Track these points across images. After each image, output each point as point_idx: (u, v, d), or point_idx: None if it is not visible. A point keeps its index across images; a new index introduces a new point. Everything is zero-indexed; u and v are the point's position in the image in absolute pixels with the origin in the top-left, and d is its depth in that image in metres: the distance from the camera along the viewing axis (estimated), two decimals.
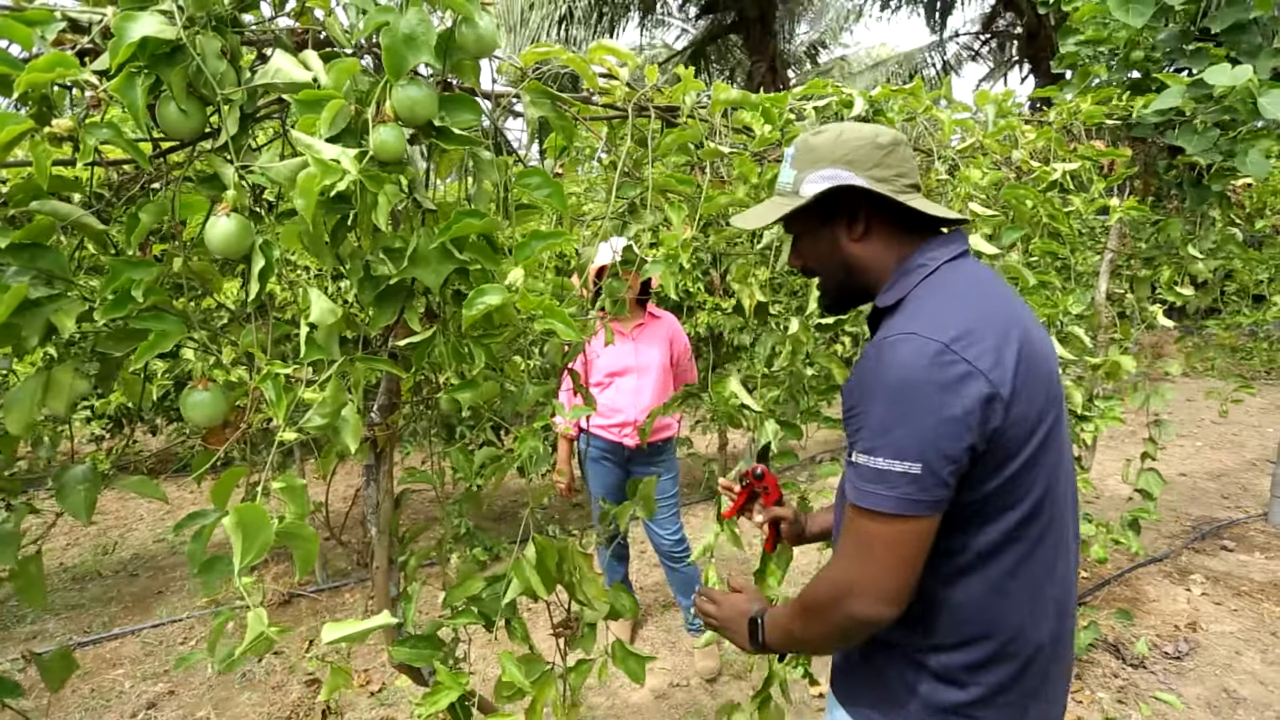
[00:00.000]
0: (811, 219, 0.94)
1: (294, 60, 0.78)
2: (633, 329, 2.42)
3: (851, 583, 0.79)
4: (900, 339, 0.79)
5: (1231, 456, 4.99)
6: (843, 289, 0.97)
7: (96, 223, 0.79)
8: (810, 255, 0.97)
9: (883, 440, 0.76)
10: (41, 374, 0.76)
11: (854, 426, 0.81)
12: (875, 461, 0.77)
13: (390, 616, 0.77)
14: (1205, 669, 2.46)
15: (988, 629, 0.84)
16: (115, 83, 0.72)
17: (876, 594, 0.78)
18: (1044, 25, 9.72)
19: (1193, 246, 2.38)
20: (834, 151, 0.90)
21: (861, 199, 0.91)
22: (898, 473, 0.75)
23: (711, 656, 2.52)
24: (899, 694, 0.88)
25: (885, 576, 0.78)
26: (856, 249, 0.93)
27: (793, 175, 0.93)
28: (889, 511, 0.76)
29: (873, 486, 0.77)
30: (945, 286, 0.86)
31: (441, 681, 0.96)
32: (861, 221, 0.92)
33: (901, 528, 0.77)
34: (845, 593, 0.80)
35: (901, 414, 0.76)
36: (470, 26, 0.80)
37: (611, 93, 1.19)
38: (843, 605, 0.80)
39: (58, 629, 2.93)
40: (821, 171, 0.89)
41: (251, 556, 0.68)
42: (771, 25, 9.69)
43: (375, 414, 1.13)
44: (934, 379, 0.75)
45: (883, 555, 0.78)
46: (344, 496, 4.23)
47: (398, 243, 0.85)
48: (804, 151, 0.92)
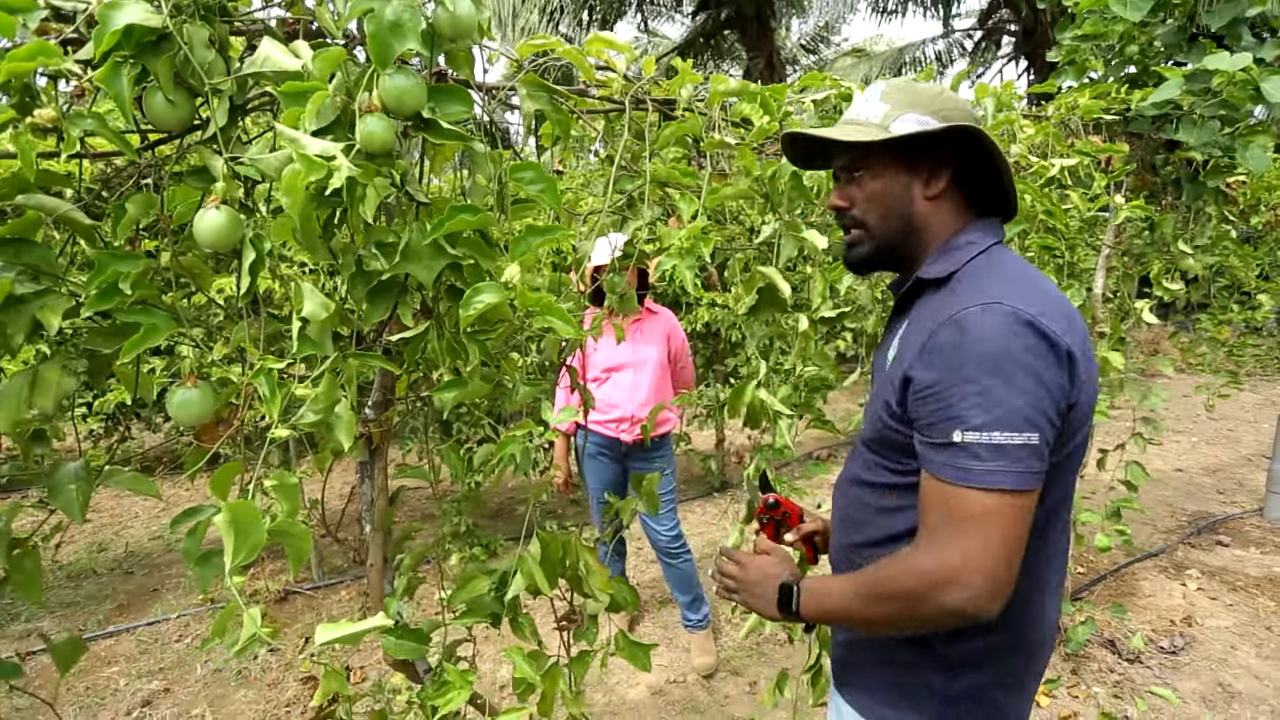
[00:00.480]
0: (891, 160, 0.87)
1: (283, 49, 0.76)
2: (630, 324, 2.41)
3: (954, 572, 0.72)
4: (987, 308, 0.74)
5: (1227, 452, 5.01)
6: (889, 247, 0.90)
7: (84, 217, 0.77)
8: (870, 200, 0.89)
9: (995, 414, 0.71)
10: (29, 371, 0.75)
11: (939, 405, 0.75)
12: (991, 437, 0.71)
13: (385, 618, 0.76)
14: (1201, 664, 2.47)
15: (1014, 615, 0.82)
16: (100, 72, 0.71)
17: (985, 585, 0.71)
18: (1040, 21, 9.70)
19: (1183, 243, 2.38)
20: (935, 102, 0.85)
21: (948, 157, 0.86)
22: (1017, 445, 0.71)
23: (709, 653, 2.52)
24: (914, 684, 0.87)
25: (996, 564, 0.71)
26: (926, 208, 0.88)
27: (882, 109, 0.85)
28: (1012, 488, 0.71)
29: (993, 463, 0.71)
30: (1002, 266, 0.83)
31: (451, 681, 0.96)
32: (942, 180, 0.87)
33: (1022, 504, 0.73)
34: (944, 583, 0.72)
35: (1010, 384, 0.71)
36: (445, 9, 0.78)
37: (609, 85, 1.18)
38: (937, 597, 0.73)
39: (53, 627, 2.91)
40: (918, 115, 0.84)
41: (244, 555, 0.67)
42: (769, 21, 9.65)
43: (370, 410, 1.12)
44: (1033, 347, 0.73)
45: (997, 540, 0.72)
46: (340, 494, 4.21)
47: (390, 237, 0.83)
48: (902, 90, 0.86)
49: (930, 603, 0.74)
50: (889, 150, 0.87)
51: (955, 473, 0.74)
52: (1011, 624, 0.83)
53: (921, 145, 0.86)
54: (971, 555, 0.72)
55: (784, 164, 1.20)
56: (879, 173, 0.88)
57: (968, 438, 0.72)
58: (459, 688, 0.92)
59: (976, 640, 0.83)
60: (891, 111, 0.85)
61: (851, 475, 0.97)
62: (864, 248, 0.92)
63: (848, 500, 0.97)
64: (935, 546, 0.75)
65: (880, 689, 0.91)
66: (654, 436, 2.44)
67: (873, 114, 0.87)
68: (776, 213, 1.23)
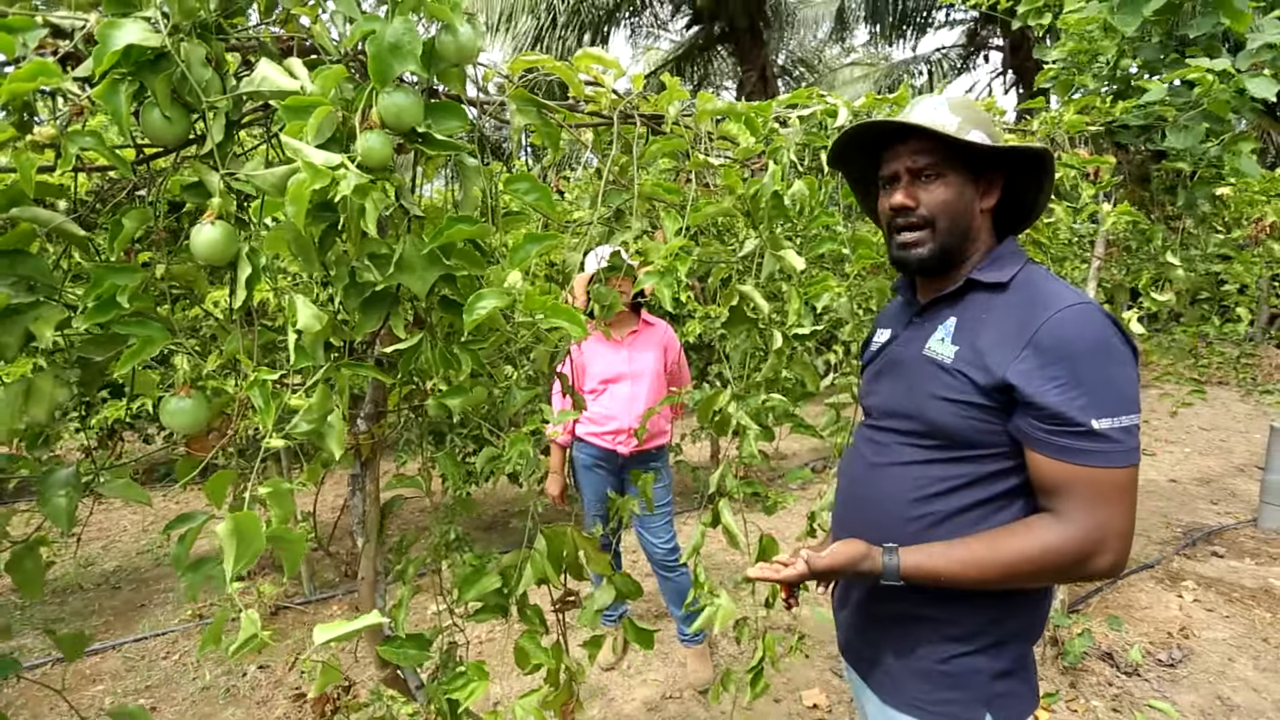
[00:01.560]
0: (963, 169, 0.94)
1: (279, 68, 0.78)
2: (626, 336, 2.42)
3: (1098, 543, 0.83)
4: (1083, 307, 0.85)
5: (1219, 462, 5.03)
6: (950, 251, 0.96)
7: (78, 229, 0.78)
8: (942, 204, 0.94)
9: (1121, 400, 0.83)
10: (22, 382, 0.75)
11: (1070, 395, 0.82)
12: (1121, 421, 0.82)
13: (379, 615, 0.76)
14: (1199, 676, 2.47)
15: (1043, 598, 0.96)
16: (99, 90, 0.72)
17: (1124, 546, 0.84)
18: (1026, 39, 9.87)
19: (1172, 253, 2.42)
20: (988, 124, 0.94)
21: (1000, 176, 0.95)
22: (1137, 425, 0.84)
23: (705, 668, 2.50)
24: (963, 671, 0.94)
25: (1129, 528, 0.84)
26: (979, 219, 0.97)
27: (955, 120, 0.91)
28: (1137, 463, 0.84)
29: (1126, 443, 0.83)
30: (1049, 275, 0.92)
31: (469, 675, 0.97)
32: (995, 195, 0.96)
33: (1137, 473, 0.85)
34: (1092, 553, 0.83)
35: (1122, 372, 0.84)
36: (451, 34, 0.81)
37: (598, 100, 1.20)
38: (1086, 566, 0.84)
39: (36, 644, 2.87)
40: (982, 133, 0.92)
41: (245, 563, 0.68)
42: (761, 35, 9.79)
43: (361, 422, 1.12)
44: (1122, 337, 0.85)
45: (1128, 507, 0.84)
46: (333, 507, 4.19)
47: (384, 249, 0.84)
48: (967, 107, 0.94)
49: (1085, 568, 0.84)
50: (961, 161, 0.94)
51: (1099, 458, 0.82)
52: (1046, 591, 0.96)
53: (987, 160, 0.94)
54: (1112, 524, 0.83)
55: (766, 183, 1.22)
56: (951, 180, 0.94)
57: (1102, 424, 0.82)
58: (478, 679, 0.93)
59: (1019, 615, 0.93)
60: (964, 125, 0.92)
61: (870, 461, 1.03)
62: (926, 249, 0.95)
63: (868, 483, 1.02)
64: (1074, 523, 0.84)
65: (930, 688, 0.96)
66: (650, 448, 2.44)
67: (948, 122, 0.92)
68: (758, 230, 1.25)
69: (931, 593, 0.92)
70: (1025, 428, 0.86)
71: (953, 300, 0.97)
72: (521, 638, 1.07)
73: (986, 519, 0.90)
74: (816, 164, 1.45)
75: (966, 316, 0.94)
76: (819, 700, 2.38)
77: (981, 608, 0.92)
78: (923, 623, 0.95)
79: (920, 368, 0.96)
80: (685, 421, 4.75)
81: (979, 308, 0.93)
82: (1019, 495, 0.90)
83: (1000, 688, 0.93)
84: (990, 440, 0.89)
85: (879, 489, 0.99)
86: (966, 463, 0.91)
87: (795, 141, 1.36)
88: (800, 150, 1.39)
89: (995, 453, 0.89)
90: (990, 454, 0.89)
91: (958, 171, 0.94)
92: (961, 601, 0.92)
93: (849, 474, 1.08)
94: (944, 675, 0.94)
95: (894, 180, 0.97)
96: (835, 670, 2.54)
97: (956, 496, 0.92)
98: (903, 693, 0.97)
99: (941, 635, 0.94)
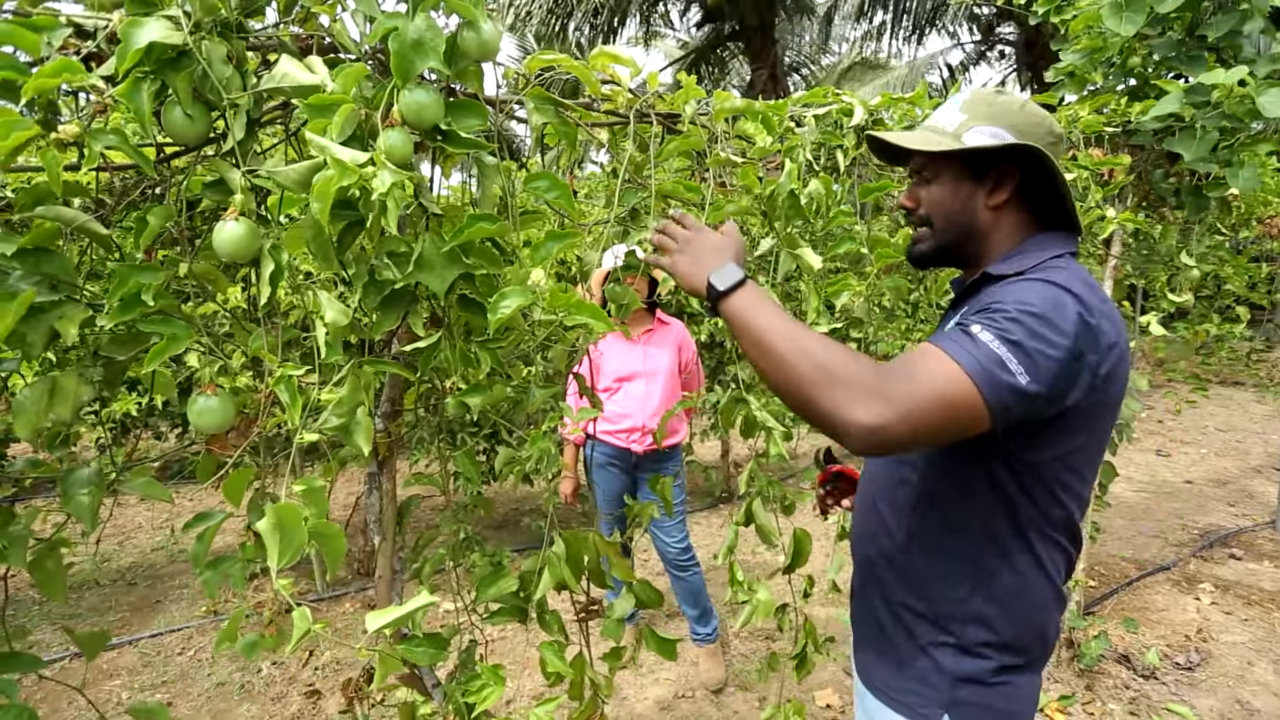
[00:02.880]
0: (958, 169, 0.93)
1: (300, 65, 0.78)
2: (641, 334, 2.42)
3: (873, 390, 0.71)
4: (1043, 282, 0.79)
5: (1236, 463, 4.97)
6: (949, 248, 0.95)
7: (100, 227, 0.79)
8: (936, 204, 0.94)
9: (1009, 336, 0.74)
10: (47, 380, 0.76)
11: (976, 316, 0.78)
12: (998, 348, 0.74)
13: (429, 596, 0.76)
14: (1217, 680, 2.44)
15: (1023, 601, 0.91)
16: (121, 88, 0.72)
17: (885, 413, 0.71)
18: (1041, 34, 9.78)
19: (1186, 255, 2.38)
20: (1013, 116, 0.90)
21: (1012, 171, 0.91)
22: (1009, 364, 0.73)
23: (718, 667, 2.50)
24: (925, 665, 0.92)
25: (909, 412, 0.71)
26: (987, 216, 0.93)
27: (959, 120, 0.91)
28: (972, 375, 0.72)
29: (978, 353, 0.73)
30: (1074, 270, 0.87)
31: (485, 679, 0.97)
32: (1005, 192, 0.92)
33: (968, 402, 0.73)
34: (854, 396, 0.71)
35: (1034, 328, 0.74)
36: (473, 30, 0.81)
37: (614, 99, 1.19)
38: (838, 400, 0.72)
39: (54, 639, 2.91)
40: (992, 129, 0.89)
41: (289, 557, 0.68)
42: (772, 33, 9.76)
43: (378, 421, 1.12)
44: (1068, 315, 0.75)
45: (927, 398, 0.71)
46: (344, 505, 4.21)
47: (403, 247, 0.84)
48: (982, 103, 0.91)
49: (823, 398, 0.72)
50: (957, 159, 0.92)
51: (951, 346, 0.74)
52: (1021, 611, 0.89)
53: (988, 158, 0.91)
54: (894, 387, 0.71)
55: (782, 182, 1.21)
56: (945, 180, 0.94)
57: (983, 336, 0.74)
58: (494, 684, 0.93)
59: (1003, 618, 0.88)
60: (967, 122, 0.90)
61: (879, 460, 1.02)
62: (924, 245, 0.97)
63: (875, 483, 1.02)
64: (872, 365, 0.74)
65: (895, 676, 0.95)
66: (663, 447, 2.44)
67: (949, 122, 0.91)
68: (774, 229, 1.24)
69: (908, 576, 0.93)
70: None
71: (970, 295, 0.95)
72: (542, 645, 1.06)
73: (965, 523, 0.89)
74: (832, 163, 1.44)
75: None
76: (832, 700, 2.37)
77: (957, 600, 0.90)
78: (897, 606, 0.95)
79: None
80: (695, 421, 4.74)
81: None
82: (1004, 506, 0.86)
83: (964, 694, 0.89)
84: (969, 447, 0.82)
85: (880, 488, 1.00)
86: (951, 465, 0.89)
87: (811, 141, 1.35)
88: (816, 150, 1.38)
89: (975, 456, 0.85)
90: (972, 460, 0.86)
91: (953, 171, 0.93)
92: (936, 589, 0.91)
93: (866, 473, 1.08)
94: (907, 666, 0.93)
95: (911, 177, 0.99)
96: (849, 671, 2.53)
97: (937, 498, 0.91)
98: (874, 676, 0.99)
99: (909, 624, 0.94)
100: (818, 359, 0.74)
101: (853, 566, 1.08)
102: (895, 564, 0.96)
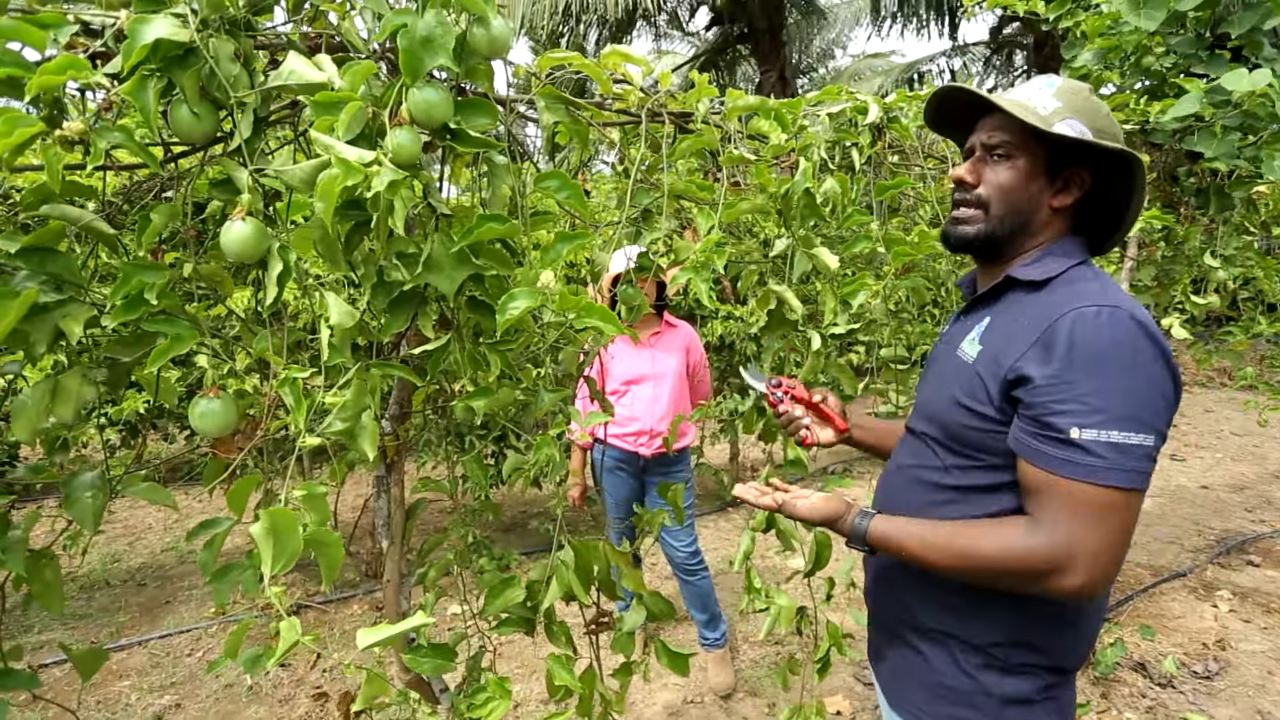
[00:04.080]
0: (1040, 156, 0.87)
1: (308, 62, 0.77)
2: (649, 337, 2.40)
3: (1071, 556, 0.75)
4: (1103, 310, 0.76)
5: (1253, 469, 4.89)
6: (1000, 239, 0.90)
7: (107, 227, 0.78)
8: (1003, 187, 0.88)
9: (1113, 413, 0.74)
10: (49, 380, 0.75)
11: (1055, 398, 0.76)
12: (1109, 435, 0.74)
13: (426, 616, 0.74)
14: (1236, 689, 2.39)
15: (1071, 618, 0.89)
16: (127, 86, 0.71)
17: (1098, 567, 0.75)
18: (1051, 37, 9.71)
19: (1210, 256, 2.34)
20: (1101, 120, 0.85)
21: (1084, 177, 0.88)
22: (1133, 445, 0.74)
23: (727, 673, 2.47)
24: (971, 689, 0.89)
25: (1111, 550, 0.75)
26: (1047, 215, 0.89)
27: (1054, 105, 0.85)
28: (1124, 486, 0.74)
29: (1110, 460, 0.74)
30: (1100, 278, 0.84)
31: (490, 693, 0.94)
32: (1071, 196, 0.89)
33: (1130, 502, 0.75)
34: (1059, 567, 0.75)
35: (1124, 384, 0.74)
36: (483, 27, 0.79)
37: (625, 98, 1.18)
38: (1052, 579, 0.76)
39: (65, 638, 2.92)
40: (1082, 125, 0.84)
41: (283, 564, 0.66)
42: (781, 35, 9.73)
43: (386, 423, 1.11)
44: (1147, 350, 0.75)
45: (1113, 530, 0.75)
46: (353, 507, 4.21)
47: (411, 248, 0.83)
48: (1076, 94, 0.86)
49: (1038, 584, 0.77)
50: (1041, 148, 0.87)
51: (1078, 470, 0.75)
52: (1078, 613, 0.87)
53: (1071, 155, 0.87)
54: (1085, 544, 0.74)
55: (797, 181, 1.18)
56: (1021, 164, 0.88)
57: (1084, 436, 0.74)
58: (499, 697, 0.90)
59: (1042, 636, 0.85)
60: (1061, 110, 0.85)
61: (899, 463, 1.00)
62: (972, 229, 0.91)
63: (893, 487, 0.99)
64: (1044, 533, 0.77)
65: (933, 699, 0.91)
66: (674, 450, 2.42)
67: (1043, 105, 0.86)
68: (790, 229, 1.22)
69: (943, 600, 0.89)
70: (1015, 430, 0.80)
71: (992, 298, 0.92)
72: (550, 658, 1.03)
73: None
74: (847, 162, 1.41)
75: (1000, 317, 0.88)
76: (842, 707, 2.34)
77: (995, 622, 0.86)
78: (932, 631, 0.91)
79: (951, 369, 0.92)
80: (705, 424, 4.71)
81: (1014, 309, 0.87)
82: None
83: (1013, 715, 0.86)
84: (1002, 449, 0.83)
85: (900, 493, 0.97)
86: (979, 471, 0.86)
87: (825, 139, 1.33)
88: (830, 148, 1.36)
89: (1008, 463, 0.83)
90: (1003, 464, 0.84)
91: (1032, 159, 0.87)
92: (973, 613, 0.87)
93: (884, 474, 1.05)
94: (947, 689, 0.89)
95: (970, 154, 0.94)
96: (860, 677, 2.50)
97: (968, 505, 0.87)
98: (905, 699, 0.95)
99: (948, 648, 0.89)
100: (979, 560, 0.79)
101: (873, 590, 1.04)
102: (926, 587, 0.92)
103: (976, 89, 0.90)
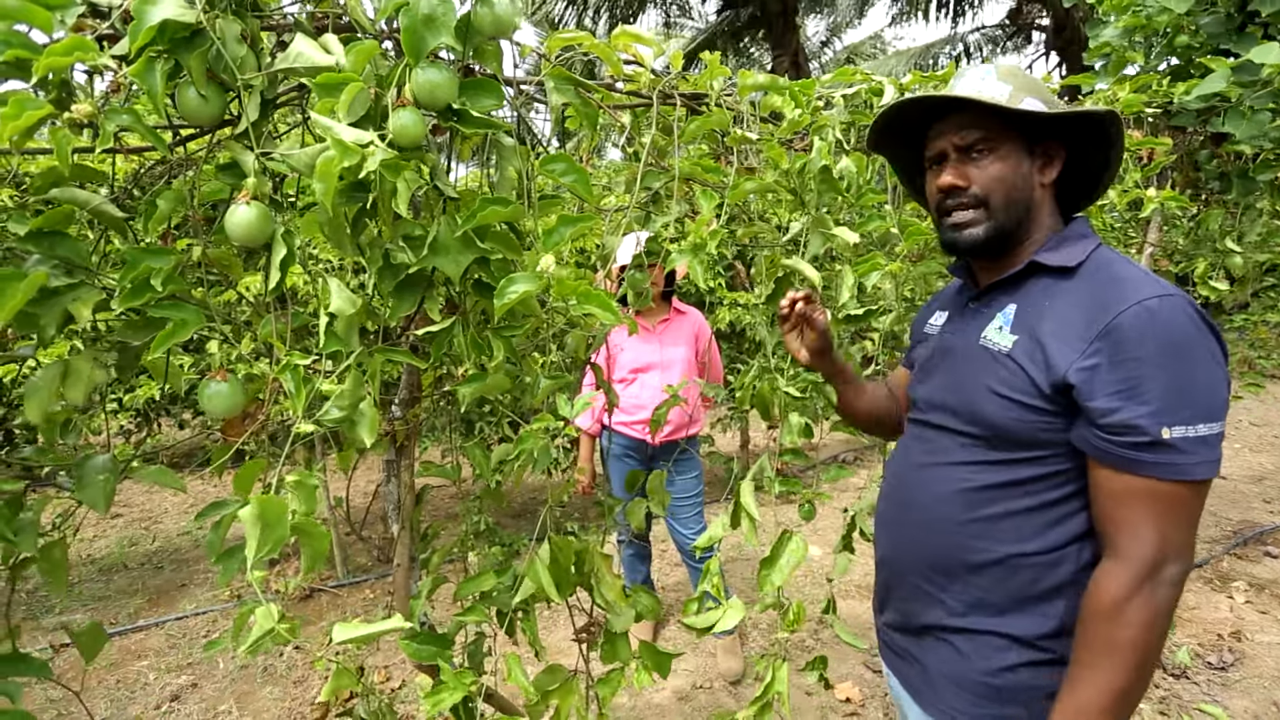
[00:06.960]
0: (1019, 142, 0.86)
1: (315, 44, 0.76)
2: (657, 324, 2.39)
3: (1164, 557, 0.75)
4: (1166, 299, 0.75)
5: (1271, 459, 4.81)
6: (1008, 231, 0.88)
7: (116, 211, 0.78)
8: (997, 180, 0.86)
9: (1194, 407, 0.74)
10: (60, 363, 0.75)
11: (1139, 397, 0.74)
12: (1196, 429, 0.74)
13: (402, 620, 0.74)
14: (1252, 681, 2.36)
15: None
16: (134, 68, 0.71)
17: (1188, 555, 0.76)
18: (1071, 17, 9.49)
19: (1230, 240, 2.28)
20: (1044, 91, 0.85)
21: (1059, 147, 0.87)
22: (1216, 435, 0.75)
23: (735, 658, 2.48)
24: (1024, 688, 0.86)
25: (1193, 539, 0.77)
26: (1040, 194, 0.89)
27: (1006, 89, 0.84)
28: (1211, 477, 0.75)
29: (1198, 456, 0.74)
30: (1126, 261, 0.82)
31: (445, 681, 0.94)
32: (1055, 168, 0.88)
33: (1206, 490, 0.77)
34: (1157, 570, 0.75)
35: (1198, 376, 0.74)
36: (486, 5, 0.77)
37: (636, 79, 1.16)
38: (1160, 586, 0.75)
39: (85, 619, 2.98)
40: (1037, 100, 0.84)
41: (267, 550, 0.66)
42: (793, 18, 9.58)
43: (396, 408, 1.11)
44: (1210, 338, 0.76)
45: (1194, 522, 0.77)
46: (365, 491, 4.26)
47: (418, 231, 0.82)
48: (1017, 74, 0.86)
49: (1156, 596, 0.75)
50: (1015, 131, 0.86)
51: (1168, 470, 0.74)
52: None
53: (1042, 130, 0.86)
54: (1173, 541, 0.75)
55: (813, 158, 1.16)
56: (1005, 154, 0.86)
57: (1174, 434, 0.73)
58: (452, 690, 0.90)
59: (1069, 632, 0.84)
60: (1016, 92, 0.84)
61: (915, 462, 0.96)
62: (980, 229, 0.88)
63: (913, 488, 0.95)
64: (1131, 553, 0.76)
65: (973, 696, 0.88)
66: (680, 438, 2.41)
67: (998, 93, 0.84)
68: (805, 208, 1.20)
69: (981, 597, 0.86)
70: (1088, 435, 0.78)
71: (1013, 285, 0.89)
72: (509, 657, 1.00)
73: (1047, 525, 0.83)
74: (862, 144, 1.39)
75: (1028, 303, 0.86)
76: (851, 694, 2.34)
77: (1043, 615, 0.84)
78: (969, 629, 0.88)
79: (974, 359, 0.89)
80: (714, 411, 4.70)
81: (1041, 294, 0.85)
82: (1082, 497, 0.82)
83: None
84: (1049, 440, 0.81)
85: (928, 491, 0.93)
86: (1023, 465, 0.83)
87: (840, 120, 1.30)
88: (845, 129, 1.33)
89: (1054, 453, 0.81)
90: (1049, 454, 0.82)
91: (1012, 144, 0.86)
92: (1019, 607, 0.84)
93: (895, 472, 1.01)
94: (992, 689, 0.86)
95: (941, 159, 0.91)
96: (870, 665, 2.50)
97: (1012, 500, 0.84)
98: (942, 701, 0.91)
99: (990, 644, 0.86)
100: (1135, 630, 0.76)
101: (889, 588, 1.00)
102: (966, 586, 0.88)
103: (935, 93, 0.89)
